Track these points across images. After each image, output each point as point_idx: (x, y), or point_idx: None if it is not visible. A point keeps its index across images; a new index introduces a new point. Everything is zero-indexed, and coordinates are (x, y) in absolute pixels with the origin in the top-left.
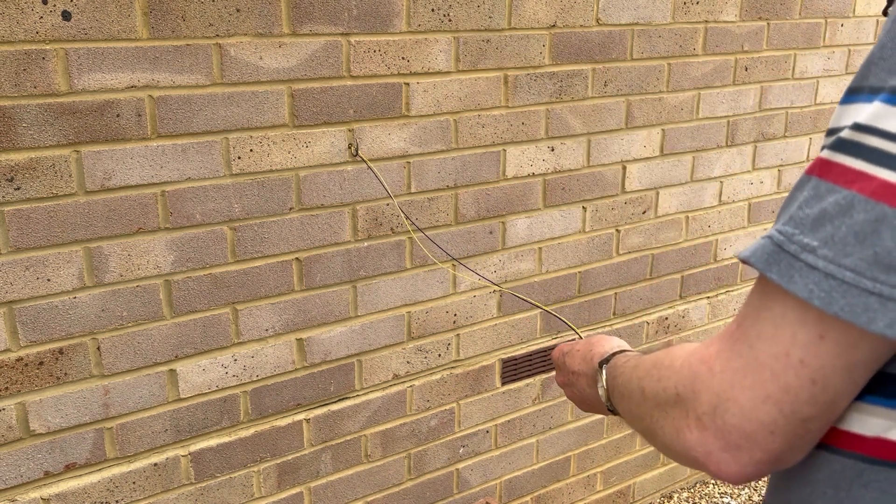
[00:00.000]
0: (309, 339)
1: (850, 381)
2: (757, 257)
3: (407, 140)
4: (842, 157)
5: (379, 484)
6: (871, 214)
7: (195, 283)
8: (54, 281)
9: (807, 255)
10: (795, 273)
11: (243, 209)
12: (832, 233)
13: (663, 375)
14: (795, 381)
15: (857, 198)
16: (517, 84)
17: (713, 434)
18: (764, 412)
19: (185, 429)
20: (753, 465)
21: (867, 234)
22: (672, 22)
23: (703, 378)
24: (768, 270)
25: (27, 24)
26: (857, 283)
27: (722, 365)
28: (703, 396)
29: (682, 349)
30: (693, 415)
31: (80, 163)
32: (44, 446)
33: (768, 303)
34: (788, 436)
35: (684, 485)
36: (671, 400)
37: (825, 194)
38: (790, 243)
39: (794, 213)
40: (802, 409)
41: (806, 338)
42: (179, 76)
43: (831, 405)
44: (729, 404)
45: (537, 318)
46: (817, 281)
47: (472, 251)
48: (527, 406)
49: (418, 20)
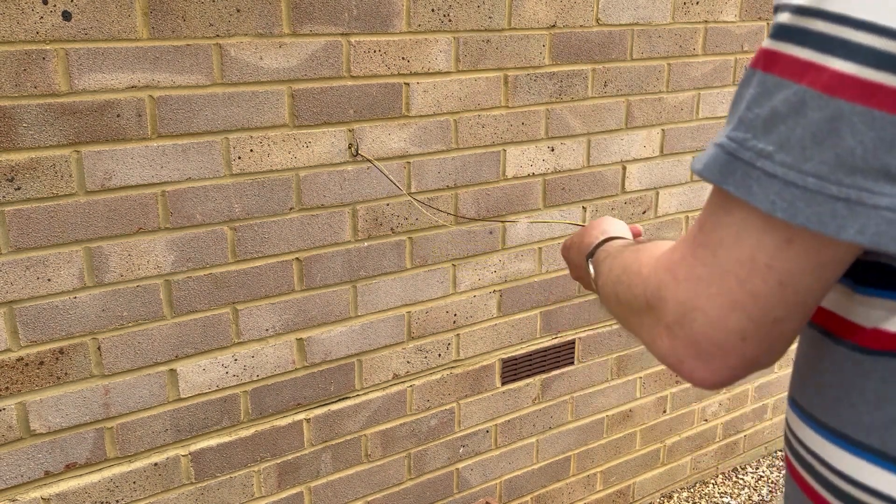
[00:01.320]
0: (309, 339)
1: (819, 280)
2: (710, 170)
3: (407, 140)
4: (786, 46)
5: (379, 484)
6: (826, 112)
7: (195, 283)
8: (55, 281)
9: (763, 162)
10: (753, 183)
11: (243, 209)
12: (787, 135)
13: (633, 282)
14: (763, 287)
15: (808, 93)
16: (517, 84)
17: (683, 343)
18: (733, 319)
19: (186, 429)
20: (729, 371)
21: (825, 134)
22: (672, 22)
23: (668, 286)
24: (724, 183)
25: (27, 24)
26: (821, 189)
27: (686, 272)
28: (670, 305)
29: (649, 253)
30: (662, 323)
31: (80, 163)
32: (44, 446)
33: (728, 206)
34: (761, 339)
35: (684, 484)
36: (643, 308)
37: (773, 90)
38: (743, 150)
39: (743, 115)
40: (773, 312)
41: (772, 243)
42: (180, 76)
43: (802, 305)
44: (696, 314)
45: (537, 317)
46: (778, 190)
47: (472, 251)
48: (527, 406)
49: (418, 20)
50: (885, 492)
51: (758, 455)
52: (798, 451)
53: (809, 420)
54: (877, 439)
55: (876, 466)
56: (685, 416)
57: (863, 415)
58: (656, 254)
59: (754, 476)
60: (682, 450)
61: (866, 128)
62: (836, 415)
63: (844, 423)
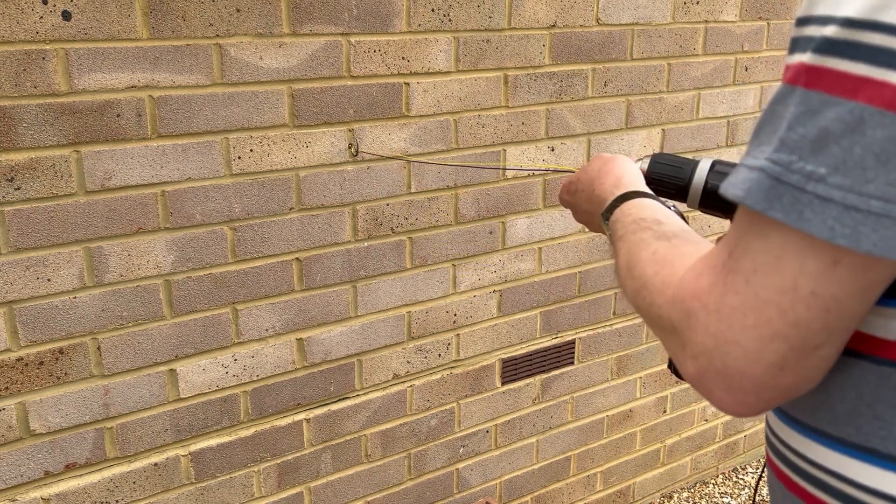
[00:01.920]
0: (309, 339)
1: (864, 302)
2: (754, 197)
3: (407, 140)
4: (835, 62)
5: (379, 484)
6: (891, 130)
7: (195, 282)
8: (54, 281)
9: (815, 186)
10: (805, 209)
11: (243, 209)
12: (842, 156)
13: (654, 302)
14: (806, 314)
15: (867, 110)
16: (517, 84)
17: (714, 374)
18: (771, 351)
19: (186, 428)
20: (763, 404)
21: (891, 153)
22: (672, 22)
23: (697, 316)
24: (770, 210)
25: (27, 24)
26: (887, 212)
27: (717, 302)
28: (700, 337)
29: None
30: (690, 352)
31: (80, 163)
32: (44, 446)
33: (763, 230)
34: (800, 369)
35: (684, 485)
36: (667, 328)
37: (821, 109)
38: (789, 173)
39: (786, 136)
40: (814, 340)
41: (816, 267)
42: (179, 76)
43: (844, 330)
44: (730, 347)
45: (538, 317)
46: (836, 215)
47: (472, 251)
48: (527, 406)
49: (418, 20)
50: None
51: (758, 455)
52: (804, 469)
53: (818, 437)
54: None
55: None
56: (685, 416)
57: (893, 427)
58: (678, 273)
59: (754, 476)
60: (682, 450)
61: None
62: (854, 428)
63: (868, 437)
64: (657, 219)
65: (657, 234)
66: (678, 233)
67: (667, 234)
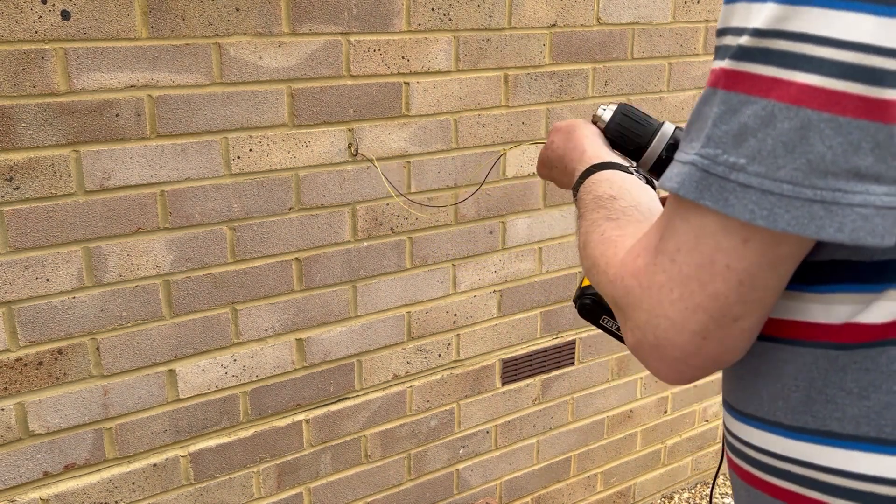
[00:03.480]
0: (309, 339)
1: (775, 276)
2: (686, 188)
3: (407, 140)
4: (749, 66)
5: (379, 484)
6: (795, 122)
7: (195, 283)
8: (53, 281)
9: (737, 175)
10: (730, 195)
11: (243, 209)
12: (757, 147)
13: (601, 281)
14: (723, 287)
15: (777, 106)
16: (517, 83)
17: (648, 346)
18: (694, 321)
19: (185, 429)
20: (691, 371)
21: (796, 142)
22: (673, 21)
23: (634, 293)
24: (701, 199)
25: (26, 23)
26: (797, 194)
27: (648, 280)
28: (636, 312)
29: (614, 251)
30: (630, 324)
31: (79, 162)
32: (43, 447)
33: (685, 214)
34: (722, 338)
35: (685, 485)
36: (613, 304)
37: (739, 107)
38: (715, 165)
39: (711, 133)
40: (732, 311)
41: (730, 244)
42: (179, 76)
43: (759, 302)
44: (659, 320)
45: (538, 318)
46: (756, 199)
47: (472, 251)
48: (527, 406)
49: (418, 19)
50: (886, 475)
51: None
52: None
53: (776, 429)
54: (871, 427)
55: (875, 454)
56: (686, 417)
57: (846, 408)
58: (620, 254)
59: None
60: (682, 450)
61: (834, 133)
62: (811, 415)
63: (825, 420)
64: (612, 195)
65: (608, 213)
66: (627, 210)
67: (617, 211)
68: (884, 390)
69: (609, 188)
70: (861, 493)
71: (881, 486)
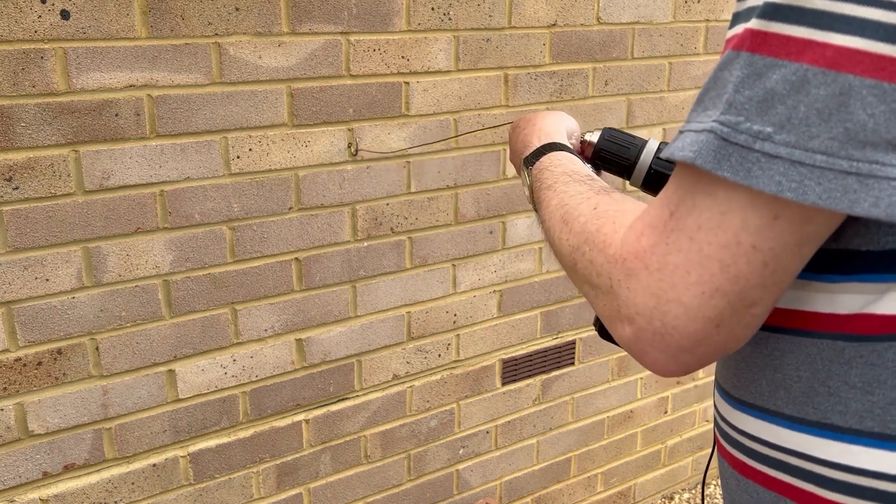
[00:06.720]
0: (308, 340)
1: (799, 257)
2: (704, 158)
3: (407, 139)
4: (779, 26)
5: (379, 485)
6: (833, 88)
7: (194, 283)
8: (53, 281)
9: (763, 144)
10: (753, 166)
11: (242, 209)
12: (787, 114)
13: (594, 259)
14: (746, 269)
15: (810, 70)
16: (517, 83)
17: (651, 335)
18: (711, 307)
19: (184, 429)
20: (695, 361)
21: (833, 109)
22: (673, 21)
23: (639, 277)
24: (719, 169)
25: (26, 23)
26: (831, 165)
27: (659, 261)
28: (640, 298)
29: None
30: (625, 312)
31: (78, 162)
32: (42, 447)
33: (710, 189)
34: (734, 326)
35: (685, 486)
36: (604, 287)
37: (765, 71)
38: (737, 133)
39: (733, 99)
40: (751, 295)
41: (758, 221)
42: (178, 75)
43: (778, 286)
44: (670, 305)
45: (538, 318)
46: (784, 171)
47: (472, 251)
48: (527, 406)
49: (418, 19)
50: (890, 472)
51: None
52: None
53: (775, 418)
54: (875, 423)
55: (876, 449)
56: (686, 417)
57: (850, 401)
58: (620, 232)
59: None
60: (683, 451)
61: (877, 101)
62: (812, 407)
63: (827, 413)
64: (588, 174)
65: (594, 188)
66: (611, 189)
67: (605, 188)
68: (889, 386)
69: (582, 167)
70: (860, 487)
71: (884, 482)
